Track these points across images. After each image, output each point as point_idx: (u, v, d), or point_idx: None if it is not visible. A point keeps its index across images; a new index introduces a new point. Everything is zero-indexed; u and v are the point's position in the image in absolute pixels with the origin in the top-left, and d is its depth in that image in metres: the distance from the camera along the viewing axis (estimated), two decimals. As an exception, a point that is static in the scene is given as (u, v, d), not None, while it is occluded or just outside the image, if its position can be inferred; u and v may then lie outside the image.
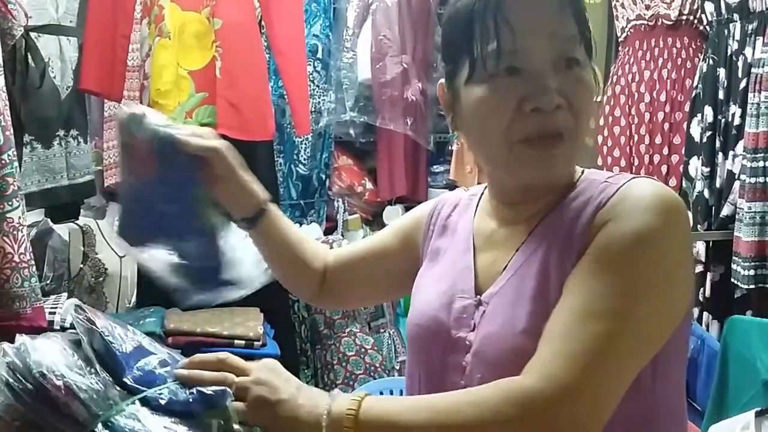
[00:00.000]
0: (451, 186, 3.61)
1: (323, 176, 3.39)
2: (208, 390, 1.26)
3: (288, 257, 1.09)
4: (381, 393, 2.83)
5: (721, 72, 2.22)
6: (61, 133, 2.18)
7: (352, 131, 3.40)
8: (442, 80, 0.93)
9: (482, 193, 1.01)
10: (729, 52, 2.21)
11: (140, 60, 2.35)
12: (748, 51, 2.15)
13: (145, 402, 1.24)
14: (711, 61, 2.25)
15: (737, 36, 2.19)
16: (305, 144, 3.29)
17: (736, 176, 2.13)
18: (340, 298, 1.21)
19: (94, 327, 1.26)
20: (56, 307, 2.08)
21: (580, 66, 0.84)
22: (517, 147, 0.83)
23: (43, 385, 1.18)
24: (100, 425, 1.14)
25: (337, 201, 3.43)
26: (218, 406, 1.27)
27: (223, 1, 2.24)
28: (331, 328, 3.00)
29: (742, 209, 2.05)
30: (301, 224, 3.30)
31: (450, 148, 3.52)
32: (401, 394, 3.11)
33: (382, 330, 3.20)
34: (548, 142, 0.83)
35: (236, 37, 2.26)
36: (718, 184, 2.22)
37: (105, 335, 1.25)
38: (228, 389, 1.18)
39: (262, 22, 2.48)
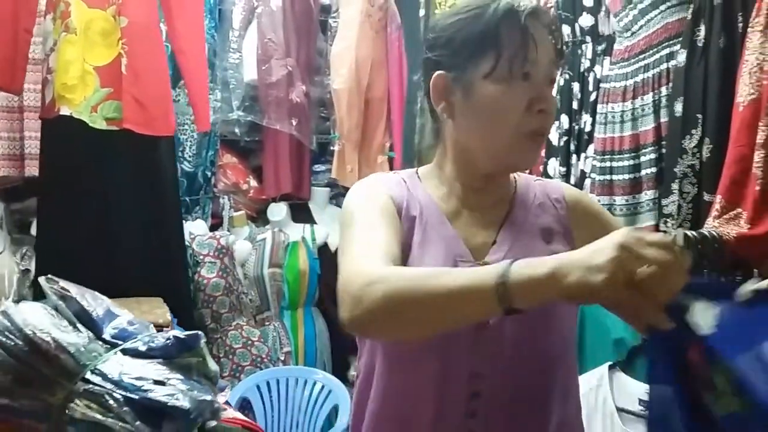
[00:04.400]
0: (332, 184, 3.80)
1: (208, 173, 3.43)
2: (183, 335, 1.40)
3: None
4: (268, 383, 2.89)
5: (575, 86, 2.58)
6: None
7: (237, 130, 3.46)
8: (442, 71, 1.05)
9: (416, 177, 1.16)
10: (582, 69, 2.54)
11: (43, 54, 2.36)
12: (597, 69, 2.49)
13: (126, 352, 1.36)
14: (567, 76, 2.60)
15: (588, 55, 2.52)
16: (190, 141, 3.31)
17: (588, 175, 2.50)
18: None
19: (69, 294, 1.36)
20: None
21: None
22: (521, 138, 1.02)
23: (34, 341, 1.28)
24: (89, 373, 1.26)
25: (223, 198, 3.46)
26: (194, 348, 1.41)
27: (129, 0, 2.31)
28: (218, 322, 3.01)
29: (593, 202, 2.41)
30: (186, 221, 3.34)
31: (331, 148, 3.66)
32: (287, 384, 3.12)
33: (267, 323, 3.25)
34: (541, 138, 1.05)
35: (141, 35, 2.33)
36: (572, 182, 2.57)
37: (80, 300, 1.36)
38: (200, 333, 1.31)
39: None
